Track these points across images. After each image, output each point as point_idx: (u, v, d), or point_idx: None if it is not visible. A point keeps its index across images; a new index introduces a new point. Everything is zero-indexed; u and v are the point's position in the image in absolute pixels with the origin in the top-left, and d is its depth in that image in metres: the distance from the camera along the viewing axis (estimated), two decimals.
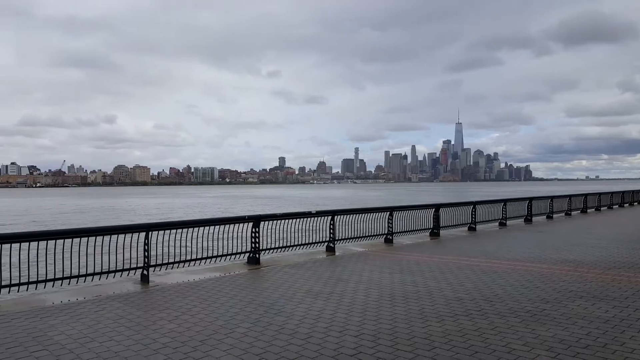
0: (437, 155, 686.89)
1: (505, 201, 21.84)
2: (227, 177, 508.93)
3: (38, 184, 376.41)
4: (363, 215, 14.80)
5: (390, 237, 15.42)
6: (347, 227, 14.14)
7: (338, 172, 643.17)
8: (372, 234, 15.02)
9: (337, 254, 13.19)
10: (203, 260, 10.89)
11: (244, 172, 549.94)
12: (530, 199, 23.54)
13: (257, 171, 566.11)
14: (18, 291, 8.34)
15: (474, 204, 19.46)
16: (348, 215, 14.33)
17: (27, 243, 8.36)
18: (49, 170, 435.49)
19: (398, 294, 8.51)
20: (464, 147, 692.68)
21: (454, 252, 13.50)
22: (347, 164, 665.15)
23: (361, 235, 14.58)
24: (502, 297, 8.23)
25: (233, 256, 11.44)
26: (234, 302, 8.00)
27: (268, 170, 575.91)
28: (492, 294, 8.47)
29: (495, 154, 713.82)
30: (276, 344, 5.97)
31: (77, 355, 5.64)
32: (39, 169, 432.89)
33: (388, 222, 15.45)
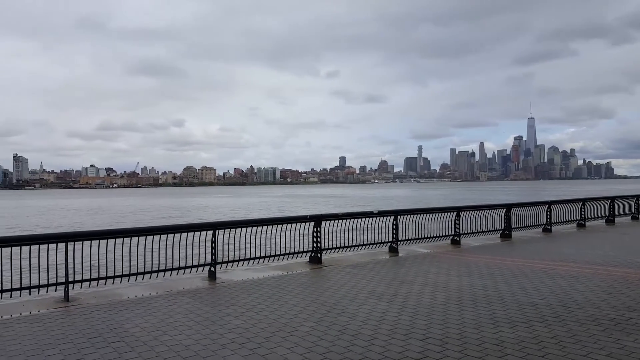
0: (508, 152, 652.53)
1: (584, 200, 20.40)
2: (289, 177, 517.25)
3: (114, 185, 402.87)
4: (428, 215, 14.39)
5: (458, 239, 14.89)
6: (410, 227, 13.82)
7: (400, 171, 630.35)
8: (438, 235, 14.57)
9: (400, 255, 12.92)
10: (266, 259, 11.08)
11: (305, 172, 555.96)
12: (613, 198, 21.82)
13: (318, 171, 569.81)
14: (97, 285, 8.90)
15: (549, 203, 18.34)
16: (412, 216, 14.00)
17: (106, 240, 8.91)
18: (124, 171, 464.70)
19: (466, 297, 8.17)
20: (537, 143, 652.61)
21: (528, 254, 12.79)
22: (409, 162, 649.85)
23: (426, 236, 14.19)
24: (582, 303, 7.65)
25: (295, 255, 11.54)
26: (297, 301, 8.04)
27: (329, 170, 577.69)
28: (570, 299, 7.90)
29: (572, 150, 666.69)
30: (339, 344, 5.91)
31: (150, 348, 5.90)
32: (115, 171, 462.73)
33: (455, 223, 14.92)
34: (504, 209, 16.68)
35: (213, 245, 10.09)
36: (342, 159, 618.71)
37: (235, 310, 7.55)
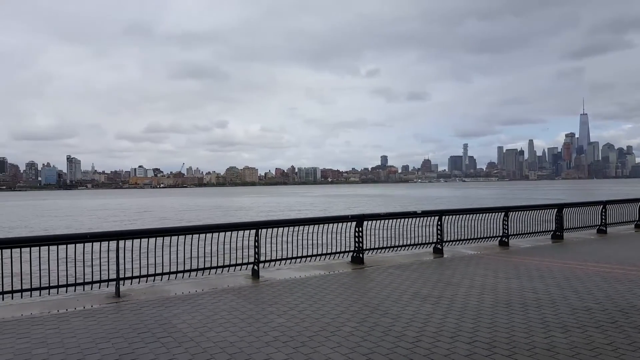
0: (559, 150, 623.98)
1: None
2: (329, 177, 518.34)
3: (161, 185, 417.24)
4: (474, 215, 14.00)
5: (506, 240, 14.41)
6: (456, 228, 13.49)
7: (445, 170, 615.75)
8: (485, 236, 14.15)
9: (445, 256, 12.63)
10: (308, 258, 11.11)
11: (346, 172, 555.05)
12: None
13: (359, 170, 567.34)
14: (146, 282, 9.21)
15: (604, 203, 17.44)
16: (457, 216, 13.66)
17: (154, 239, 9.21)
18: (171, 172, 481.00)
19: (515, 300, 7.88)
20: (591, 140, 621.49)
21: (581, 256, 12.21)
22: (454, 161, 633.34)
23: (472, 237, 13.82)
24: None
25: (337, 255, 11.51)
26: (340, 301, 8.01)
27: (370, 169, 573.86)
28: (627, 304, 7.47)
29: (629, 147, 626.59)
30: (383, 346, 5.84)
31: (197, 344, 6.03)
32: (162, 171, 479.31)
33: (503, 223, 14.45)
34: (555, 209, 16.01)
35: (256, 244, 10.22)
36: (384, 158, 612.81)
37: (278, 308, 7.61)
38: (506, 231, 14.43)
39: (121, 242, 8.77)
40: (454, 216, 13.57)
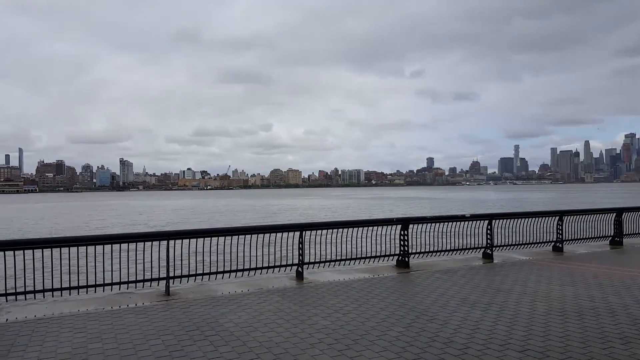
0: (618, 152, 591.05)
1: None
2: (373, 179, 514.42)
3: (208, 187, 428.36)
4: (526, 219, 13.46)
5: (560, 245, 13.78)
6: (507, 232, 13.02)
7: (494, 172, 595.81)
8: (538, 241, 13.59)
9: (495, 261, 12.21)
10: (352, 261, 11.04)
11: (390, 174, 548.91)
12: None
13: (404, 172, 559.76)
14: (195, 281, 9.45)
15: None
16: (508, 220, 13.17)
17: (202, 239, 9.45)
18: (217, 174, 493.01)
19: (571, 309, 7.50)
20: None
21: None
22: (504, 163, 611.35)
23: (524, 242, 13.30)
24: None
25: (381, 258, 11.38)
26: (385, 305, 7.90)
27: (415, 171, 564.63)
28: None
29: None
30: (430, 352, 5.70)
31: (243, 343, 6.12)
32: (209, 174, 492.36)
33: (557, 228, 13.81)
34: (614, 214, 15.14)
35: (300, 246, 10.27)
36: (430, 160, 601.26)
37: (323, 311, 7.60)
38: (560, 236, 13.78)
39: (171, 242, 9.05)
40: (505, 220, 13.09)
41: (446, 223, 12.32)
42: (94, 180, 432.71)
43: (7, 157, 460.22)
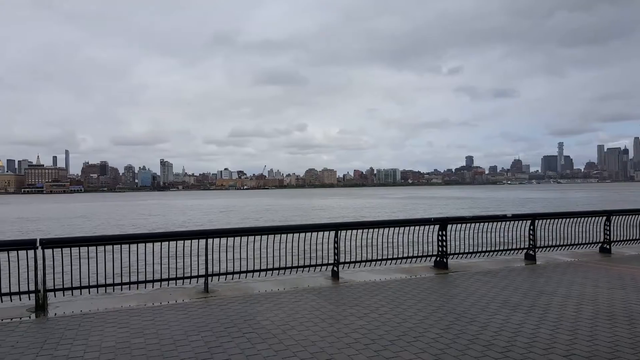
0: None
1: None
2: (410, 178, 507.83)
3: (245, 187, 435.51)
4: (571, 220, 12.93)
5: (608, 247, 13.18)
6: (550, 233, 12.56)
7: (537, 170, 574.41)
8: (584, 242, 13.05)
9: (538, 263, 11.80)
10: (388, 261, 10.92)
11: (427, 173, 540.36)
12: None
13: (442, 172, 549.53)
14: (232, 279, 9.59)
15: None
16: (552, 220, 12.68)
17: (240, 237, 9.58)
18: (253, 174, 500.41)
19: (619, 313, 7.15)
20: None
21: None
22: (548, 161, 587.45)
23: (569, 242, 12.79)
24: None
25: (419, 259, 11.21)
26: (422, 306, 7.77)
27: (454, 170, 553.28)
28: None
29: None
30: (470, 354, 5.56)
31: (279, 341, 6.15)
32: (245, 174, 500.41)
33: (605, 229, 13.22)
34: None
35: (336, 245, 10.24)
36: (469, 159, 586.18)
37: (359, 310, 7.55)
38: (608, 237, 13.17)
39: (209, 240, 9.22)
40: (548, 220, 12.62)
41: (486, 223, 12.00)
42: (136, 181, 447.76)
43: (55, 158, 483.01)
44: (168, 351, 5.84)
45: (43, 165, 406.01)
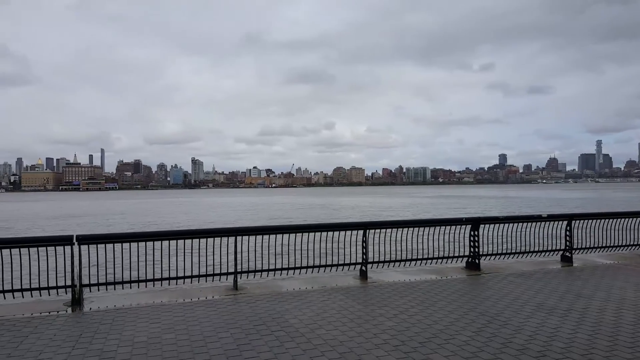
0: None
1: None
2: (440, 177, 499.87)
3: (273, 185, 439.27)
4: (610, 220, 12.41)
5: None
6: (588, 234, 12.10)
7: (574, 169, 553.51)
8: (625, 244, 12.52)
9: (575, 265, 11.40)
10: (418, 261, 10.76)
11: (459, 172, 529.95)
12: None
13: (473, 170, 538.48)
14: (261, 277, 9.65)
15: None
16: (590, 220, 12.21)
17: (268, 236, 9.62)
18: (282, 172, 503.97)
19: None
20: None
21: None
22: (585, 159, 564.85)
23: (608, 244, 12.31)
24: None
25: (449, 259, 10.99)
26: (453, 308, 7.61)
27: (486, 169, 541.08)
28: None
29: None
30: (503, 358, 5.41)
31: (308, 340, 6.13)
32: (273, 172, 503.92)
33: None
34: None
35: (364, 244, 10.16)
36: (502, 157, 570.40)
37: (388, 311, 7.45)
38: None
39: (239, 238, 9.30)
40: (586, 221, 12.16)
41: (520, 223, 11.66)
42: (168, 179, 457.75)
43: (91, 157, 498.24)
44: (198, 347, 5.91)
45: (80, 164, 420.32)
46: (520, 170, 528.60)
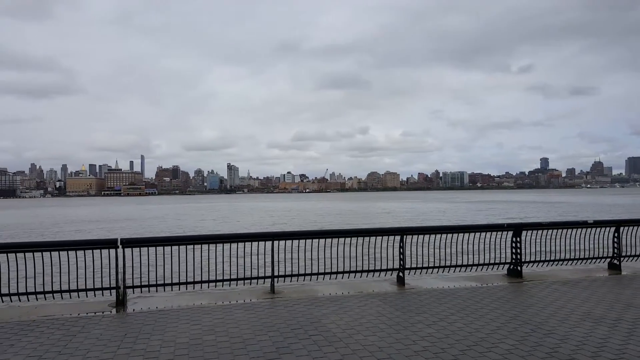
0: None
1: None
2: (479, 182, 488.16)
3: (307, 190, 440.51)
4: None
5: None
6: (638, 241, 11.55)
7: (621, 173, 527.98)
8: None
9: (624, 273, 10.91)
10: (457, 268, 10.54)
11: (498, 176, 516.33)
12: None
13: (514, 174, 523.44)
14: (297, 281, 9.69)
15: None
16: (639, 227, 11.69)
17: (304, 240, 9.67)
18: (315, 177, 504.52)
19: None
20: None
21: None
22: (634, 163, 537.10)
23: None
24: None
25: (490, 266, 10.72)
26: (495, 316, 7.41)
27: (527, 173, 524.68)
28: None
29: None
30: None
31: (345, 345, 6.11)
32: (307, 177, 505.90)
33: None
34: None
35: (401, 250, 10.04)
36: (544, 161, 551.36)
37: (427, 318, 7.33)
38: None
39: (275, 242, 9.39)
40: (636, 227, 11.62)
41: (565, 230, 11.25)
42: (205, 184, 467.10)
43: (132, 163, 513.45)
44: (238, 349, 5.99)
45: (121, 170, 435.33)
46: (563, 175, 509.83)
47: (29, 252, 8.35)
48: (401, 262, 10.03)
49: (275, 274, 9.37)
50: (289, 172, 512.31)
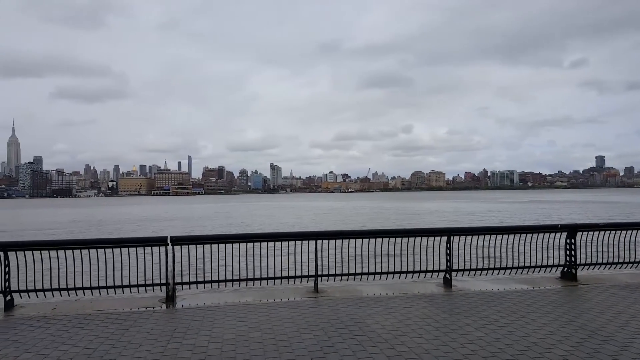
0: None
1: None
2: (529, 181, 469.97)
3: (349, 189, 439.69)
4: None
5: None
6: None
7: None
8: None
9: None
10: (507, 270, 10.18)
11: (550, 175, 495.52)
12: None
13: (567, 173, 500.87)
14: (340, 280, 9.66)
15: None
16: None
17: (347, 240, 9.62)
18: (358, 177, 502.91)
19: None
20: None
21: None
22: None
23: None
24: None
25: (543, 269, 10.27)
26: (548, 320, 7.09)
27: (581, 172, 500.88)
28: None
29: None
30: None
31: (391, 346, 6.02)
32: (350, 177, 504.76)
33: None
34: None
35: (448, 251, 9.81)
36: (599, 159, 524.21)
37: (475, 321, 7.12)
38: None
39: (319, 242, 9.41)
40: None
41: (623, 231, 10.63)
42: (249, 184, 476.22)
43: (179, 164, 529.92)
44: (283, 347, 6.03)
45: (169, 170, 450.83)
46: (621, 174, 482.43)
47: (84, 249, 8.78)
48: (448, 263, 9.80)
49: (319, 273, 9.38)
50: (331, 172, 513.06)
